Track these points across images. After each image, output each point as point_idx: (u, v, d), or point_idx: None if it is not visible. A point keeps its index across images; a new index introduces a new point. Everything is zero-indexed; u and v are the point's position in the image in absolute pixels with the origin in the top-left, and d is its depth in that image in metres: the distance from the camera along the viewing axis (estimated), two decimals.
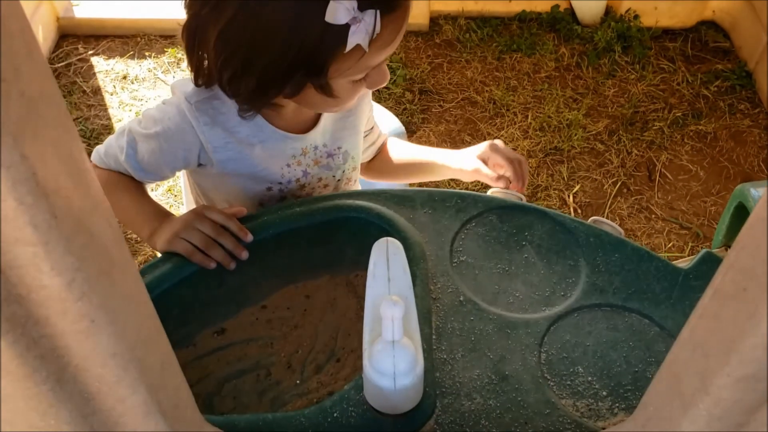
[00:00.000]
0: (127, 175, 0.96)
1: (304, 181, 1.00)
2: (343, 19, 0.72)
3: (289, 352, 0.87)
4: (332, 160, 1.01)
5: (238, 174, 0.95)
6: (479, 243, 0.88)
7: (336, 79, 0.81)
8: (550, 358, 0.77)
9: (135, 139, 0.93)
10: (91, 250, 0.36)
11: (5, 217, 0.30)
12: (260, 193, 0.99)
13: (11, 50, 0.28)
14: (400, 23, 0.79)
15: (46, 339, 0.37)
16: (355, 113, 1.02)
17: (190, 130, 0.90)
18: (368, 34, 0.74)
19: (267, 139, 0.94)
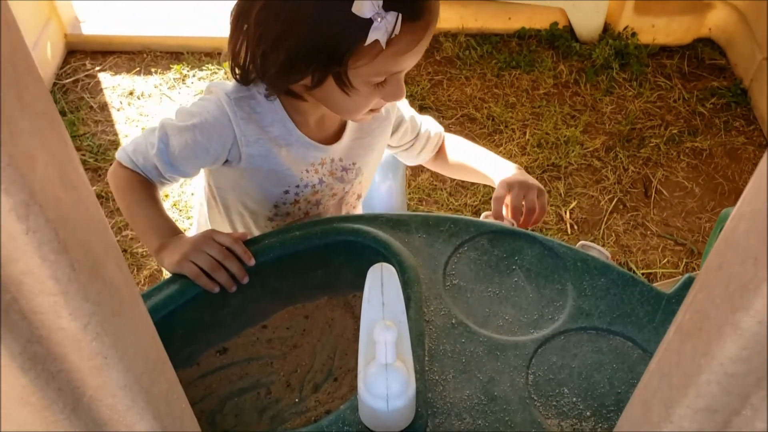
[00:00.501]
0: (146, 181, 0.98)
1: (318, 189, 1.06)
2: (367, 13, 0.79)
3: (288, 372, 0.91)
4: (346, 174, 1.08)
5: (261, 171, 1.00)
6: (471, 267, 0.92)
7: (354, 73, 0.86)
8: (537, 380, 0.81)
9: (168, 133, 0.95)
10: (104, 295, 0.39)
11: (30, 271, 0.34)
12: (276, 195, 1.04)
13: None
14: (419, 35, 0.85)
15: (64, 373, 0.41)
16: (372, 135, 1.08)
17: (228, 124, 0.95)
18: (387, 33, 0.80)
19: (294, 143, 1.00)
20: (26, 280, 0.35)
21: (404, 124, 1.16)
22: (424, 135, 1.19)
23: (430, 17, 0.85)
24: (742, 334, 0.39)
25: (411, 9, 0.81)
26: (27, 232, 0.32)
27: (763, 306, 0.37)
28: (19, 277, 0.35)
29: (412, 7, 0.81)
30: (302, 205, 1.07)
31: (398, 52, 0.84)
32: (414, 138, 1.19)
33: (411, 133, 1.18)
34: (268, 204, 1.05)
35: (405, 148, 1.21)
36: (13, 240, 0.33)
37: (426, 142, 1.20)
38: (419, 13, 0.83)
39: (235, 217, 1.11)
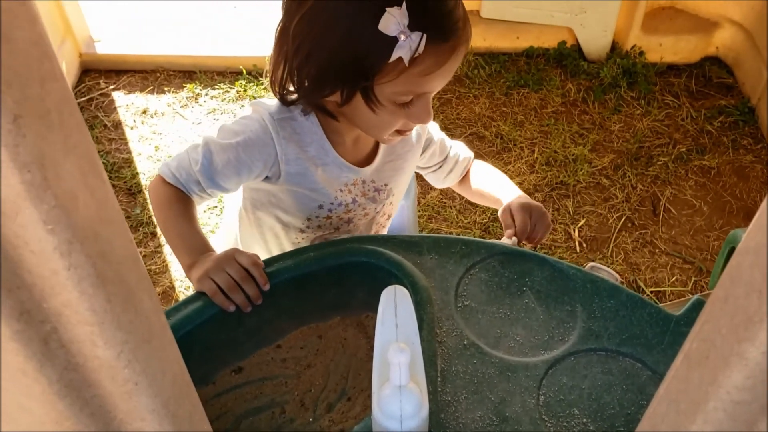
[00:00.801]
0: (185, 197, 1.01)
1: (351, 207, 1.09)
2: (393, 31, 0.81)
3: (302, 391, 0.92)
4: (378, 194, 1.11)
5: (299, 187, 1.04)
6: (482, 288, 0.93)
7: (380, 90, 0.89)
8: (548, 401, 0.82)
9: (211, 150, 0.98)
10: (135, 324, 0.41)
11: (70, 304, 0.36)
12: (311, 209, 1.07)
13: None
14: (444, 57, 0.87)
15: (97, 399, 0.43)
16: (404, 158, 1.12)
17: (270, 143, 0.98)
18: (411, 51, 0.83)
19: (329, 163, 1.03)
20: (66, 312, 0.37)
21: (433, 146, 1.19)
22: (452, 159, 1.22)
23: (458, 41, 0.87)
24: (747, 364, 0.41)
25: (437, 30, 0.84)
26: (69, 268, 0.34)
27: (766, 337, 0.39)
28: (60, 309, 0.37)
29: (438, 28, 0.84)
30: (334, 221, 1.10)
31: (423, 72, 0.86)
32: (442, 160, 1.22)
33: (439, 156, 1.21)
34: (302, 217, 1.08)
35: (432, 170, 1.24)
36: (56, 275, 0.35)
37: (454, 166, 1.23)
38: (446, 36, 0.85)
39: (267, 229, 1.14)
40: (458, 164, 1.23)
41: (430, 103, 0.94)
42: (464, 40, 0.89)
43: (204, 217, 1.93)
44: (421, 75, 0.87)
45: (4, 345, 0.36)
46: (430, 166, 1.23)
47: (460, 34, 0.87)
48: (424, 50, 0.84)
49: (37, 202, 0.31)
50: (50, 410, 0.41)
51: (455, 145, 1.24)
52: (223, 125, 1.02)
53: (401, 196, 1.19)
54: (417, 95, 0.91)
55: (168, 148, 2.16)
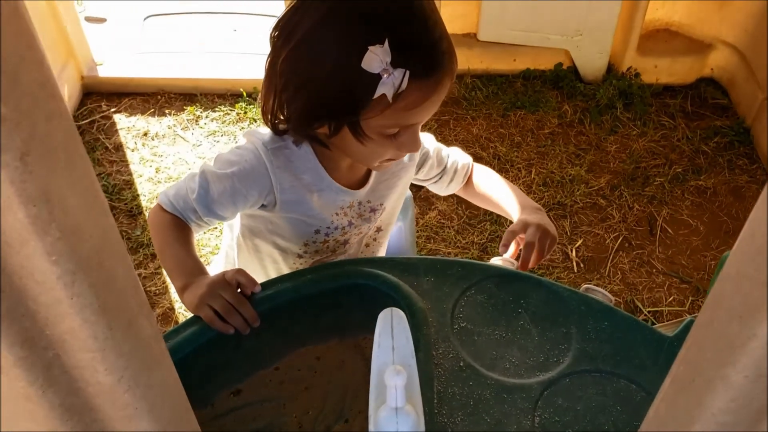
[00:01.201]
0: (183, 224, 1.03)
1: (347, 230, 1.11)
2: (376, 69, 0.83)
3: (300, 413, 0.93)
4: (373, 214, 1.13)
5: (295, 214, 1.05)
6: (478, 310, 0.95)
7: (367, 124, 0.91)
8: (543, 422, 0.83)
9: (208, 179, 1.00)
10: (136, 350, 0.43)
11: (72, 331, 0.38)
12: (307, 234, 1.08)
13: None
14: (428, 92, 0.88)
15: (98, 423, 0.44)
16: (397, 176, 1.13)
17: (265, 173, 0.99)
18: (394, 88, 0.84)
19: (325, 189, 1.04)
20: (68, 339, 0.38)
21: (429, 160, 1.21)
22: (451, 168, 1.24)
23: (442, 75, 0.88)
24: (730, 387, 0.42)
25: (420, 66, 0.85)
26: (72, 297, 0.36)
27: (748, 362, 0.40)
28: (62, 336, 0.38)
29: (421, 64, 0.85)
30: (331, 244, 1.12)
31: (408, 106, 0.88)
32: (441, 171, 1.24)
33: (437, 168, 1.23)
34: (299, 242, 1.09)
35: (433, 181, 1.26)
36: (59, 304, 0.36)
37: (454, 174, 1.25)
38: (429, 71, 0.86)
39: (265, 255, 1.15)
40: (458, 172, 1.25)
41: (418, 132, 0.95)
42: (448, 72, 0.90)
43: (204, 238, 1.94)
44: (406, 110, 0.89)
45: (7, 372, 0.37)
46: (430, 178, 1.25)
47: (445, 69, 0.88)
48: (408, 85, 0.85)
49: (42, 235, 0.33)
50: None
51: (452, 152, 1.25)
52: (219, 154, 1.04)
53: (395, 210, 1.20)
54: (404, 127, 0.93)
55: (169, 170, 2.18)
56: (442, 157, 1.23)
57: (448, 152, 1.24)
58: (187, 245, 1.02)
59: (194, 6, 2.75)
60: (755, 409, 0.43)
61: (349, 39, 0.84)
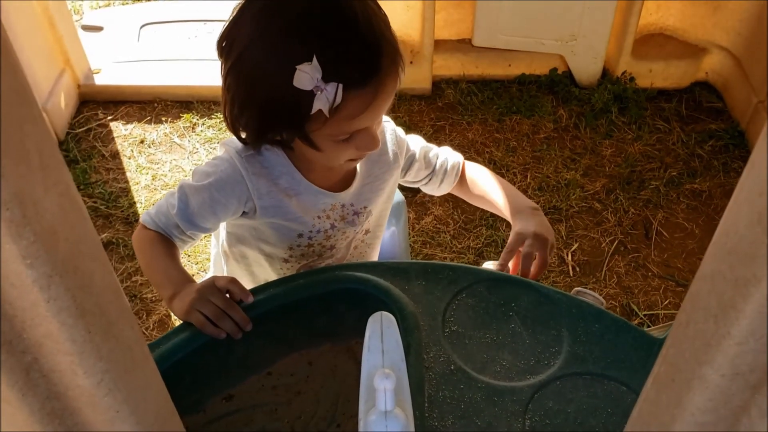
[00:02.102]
0: (166, 239, 1.04)
1: (330, 233, 1.10)
2: (307, 86, 0.83)
3: (292, 418, 0.93)
4: (357, 217, 1.12)
5: (276, 219, 1.05)
6: (469, 313, 0.95)
7: (317, 135, 0.91)
8: (534, 425, 0.83)
9: (186, 193, 1.01)
10: (116, 353, 0.43)
11: (50, 334, 0.38)
12: (291, 239, 1.08)
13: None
14: (368, 99, 0.88)
15: (79, 426, 0.44)
16: (381, 178, 1.13)
17: (241, 180, 1.00)
18: (329, 103, 0.84)
19: (302, 192, 1.04)
20: (46, 342, 0.38)
21: (416, 163, 1.20)
22: (440, 170, 1.23)
23: (380, 80, 0.87)
24: (708, 386, 0.42)
25: (353, 77, 0.84)
26: (48, 300, 0.36)
27: (724, 360, 0.40)
28: (40, 340, 0.38)
29: (354, 75, 0.84)
30: (316, 248, 1.11)
31: (349, 116, 0.88)
32: (430, 173, 1.23)
33: (425, 170, 1.22)
34: (284, 247, 1.09)
35: (423, 183, 1.25)
36: (36, 307, 0.36)
37: (444, 175, 1.24)
38: (364, 80, 0.86)
39: (252, 262, 1.15)
40: (448, 173, 1.23)
41: (373, 132, 0.95)
42: (389, 73, 0.89)
43: (201, 245, 1.95)
44: (349, 119, 0.89)
45: None
46: (419, 180, 1.24)
47: (382, 72, 0.87)
48: (346, 97, 0.85)
49: (16, 238, 0.33)
50: None
51: (441, 152, 1.24)
52: (196, 168, 1.05)
53: (383, 213, 1.20)
54: (356, 131, 0.92)
55: (165, 178, 2.19)
56: (429, 159, 1.22)
57: (437, 152, 1.23)
58: (172, 258, 1.03)
59: (190, 14, 2.76)
60: (734, 408, 0.43)
61: (280, 57, 0.84)
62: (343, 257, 1.17)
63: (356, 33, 0.85)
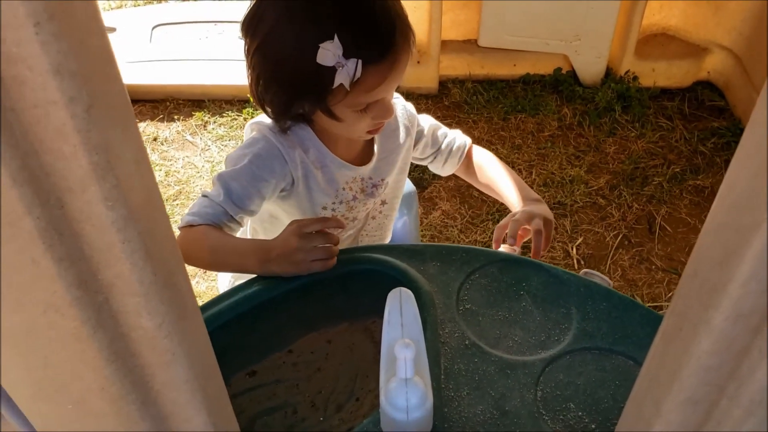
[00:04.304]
0: (217, 227, 1.04)
1: (352, 205, 1.17)
2: (329, 62, 0.90)
3: (313, 393, 0.97)
4: (376, 189, 1.19)
5: (302, 192, 1.11)
6: (482, 292, 0.99)
7: (337, 107, 0.98)
8: (545, 396, 0.87)
9: (227, 180, 1.04)
10: (174, 301, 0.47)
11: (122, 275, 0.42)
12: (316, 212, 1.14)
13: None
14: (385, 73, 0.95)
15: (138, 369, 0.48)
16: (396, 152, 1.19)
17: (278, 154, 1.06)
18: (350, 77, 0.92)
19: (328, 164, 1.11)
20: (117, 283, 0.42)
21: (423, 139, 1.26)
22: (445, 149, 1.29)
23: (396, 55, 0.95)
24: (713, 330, 0.46)
25: (371, 53, 0.92)
26: (123, 241, 0.40)
27: (728, 304, 0.44)
28: (112, 280, 0.42)
29: (372, 51, 0.92)
30: None
31: (368, 88, 0.95)
32: (435, 152, 1.29)
33: (431, 148, 1.29)
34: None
35: (429, 161, 1.31)
36: (111, 248, 0.41)
37: (449, 155, 1.30)
38: (382, 55, 0.93)
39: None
40: (452, 153, 1.29)
41: (388, 103, 1.02)
42: (403, 47, 0.96)
43: None
44: (367, 91, 0.96)
45: (65, 311, 0.42)
46: (425, 157, 1.30)
47: (397, 48, 0.95)
48: (365, 71, 0.92)
49: (101, 181, 0.37)
50: (99, 376, 0.46)
51: (450, 133, 1.30)
52: (229, 156, 1.09)
53: (399, 186, 1.26)
54: (372, 102, 0.99)
55: (178, 174, 2.23)
56: (437, 137, 1.28)
57: (446, 132, 1.30)
58: (231, 235, 1.05)
59: (201, 15, 2.81)
60: (736, 352, 0.47)
61: (304, 38, 0.91)
62: (362, 227, 1.22)
63: (372, 12, 0.92)
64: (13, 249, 0.38)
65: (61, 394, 0.49)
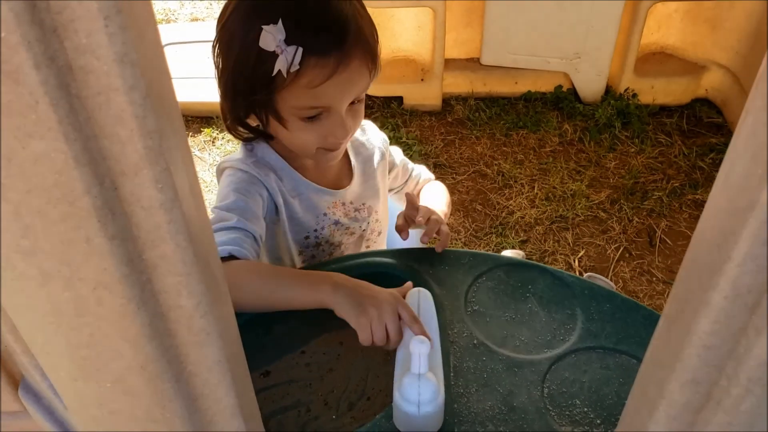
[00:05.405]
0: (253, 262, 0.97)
1: (334, 229, 1.16)
2: (270, 46, 0.89)
3: (325, 392, 1.00)
4: (359, 213, 1.18)
5: (283, 221, 1.10)
6: (489, 295, 1.02)
7: (283, 109, 0.96)
8: (552, 393, 0.90)
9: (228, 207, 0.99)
10: (210, 283, 0.50)
11: (165, 255, 0.45)
12: (299, 241, 1.14)
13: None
14: (328, 71, 0.91)
15: (174, 348, 0.51)
16: (375, 177, 1.20)
17: (257, 181, 1.04)
18: (287, 64, 0.90)
19: (304, 191, 1.10)
20: (161, 263, 0.46)
21: (395, 168, 1.28)
22: (414, 179, 1.32)
23: (345, 57, 0.91)
24: (712, 309, 0.49)
25: (315, 44, 0.90)
26: (169, 222, 0.44)
27: (726, 283, 0.47)
28: (156, 261, 0.46)
29: (316, 42, 0.90)
30: (325, 247, 1.17)
31: (310, 84, 0.92)
32: (405, 181, 1.31)
33: (402, 177, 1.31)
34: (293, 250, 1.15)
35: (396, 191, 1.32)
36: (158, 229, 0.44)
37: (415, 186, 1.32)
38: (326, 49, 0.90)
39: None
40: (418, 185, 1.32)
41: (340, 118, 0.98)
42: (355, 53, 0.92)
43: None
44: (309, 87, 0.92)
45: (112, 287, 0.45)
46: (395, 187, 1.31)
47: (348, 50, 0.91)
48: (308, 63, 0.90)
49: (153, 165, 0.41)
50: (139, 353, 0.50)
51: (417, 167, 1.33)
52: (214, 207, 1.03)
53: (386, 214, 1.26)
54: (324, 110, 0.97)
55: None
56: (407, 169, 1.30)
57: (414, 167, 1.32)
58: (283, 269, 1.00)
59: (210, 35, 2.86)
60: (735, 330, 0.50)
61: (251, 22, 0.90)
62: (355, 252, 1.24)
63: (326, 8, 0.92)
64: (70, 226, 0.41)
65: (102, 373, 0.53)
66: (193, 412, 0.57)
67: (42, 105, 0.36)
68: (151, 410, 0.55)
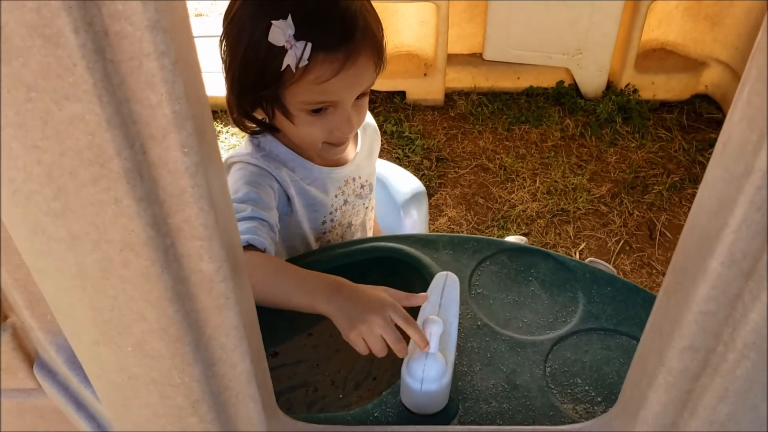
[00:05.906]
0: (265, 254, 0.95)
1: (345, 209, 1.18)
2: (279, 41, 0.89)
3: (332, 372, 1.02)
4: (363, 190, 1.20)
5: (302, 209, 1.11)
6: (493, 278, 1.04)
7: (291, 103, 0.97)
8: (554, 371, 0.92)
9: (240, 199, 0.99)
10: (230, 250, 0.52)
11: (189, 219, 0.47)
12: (317, 228, 1.15)
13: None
14: (338, 66, 0.92)
15: (194, 312, 0.53)
16: (372, 148, 1.22)
17: (267, 174, 1.05)
18: (297, 58, 0.89)
19: (316, 177, 1.11)
20: (184, 227, 0.48)
21: None
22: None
23: (351, 50, 0.92)
24: (710, 275, 0.51)
25: (324, 39, 0.90)
26: (194, 186, 0.46)
27: (722, 249, 0.50)
28: (180, 224, 0.48)
29: (325, 38, 0.90)
30: (338, 230, 1.20)
31: (318, 79, 0.92)
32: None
33: None
34: (312, 239, 1.17)
35: None
36: (183, 194, 0.46)
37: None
38: (335, 44, 0.91)
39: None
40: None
41: (347, 114, 0.99)
42: (363, 48, 0.93)
43: None
44: (317, 82, 0.92)
45: (139, 249, 0.47)
46: None
47: (356, 46, 0.92)
48: (317, 59, 0.90)
49: (180, 129, 0.43)
50: (161, 315, 0.52)
51: None
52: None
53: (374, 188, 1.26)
54: (331, 105, 0.97)
55: None
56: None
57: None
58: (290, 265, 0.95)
59: (216, 30, 2.88)
60: (731, 296, 0.52)
61: (259, 17, 0.90)
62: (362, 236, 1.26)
63: (334, 4, 0.92)
64: (100, 188, 0.44)
65: (124, 337, 0.55)
66: (210, 377, 0.59)
67: (79, 68, 0.38)
68: (170, 374, 0.57)
